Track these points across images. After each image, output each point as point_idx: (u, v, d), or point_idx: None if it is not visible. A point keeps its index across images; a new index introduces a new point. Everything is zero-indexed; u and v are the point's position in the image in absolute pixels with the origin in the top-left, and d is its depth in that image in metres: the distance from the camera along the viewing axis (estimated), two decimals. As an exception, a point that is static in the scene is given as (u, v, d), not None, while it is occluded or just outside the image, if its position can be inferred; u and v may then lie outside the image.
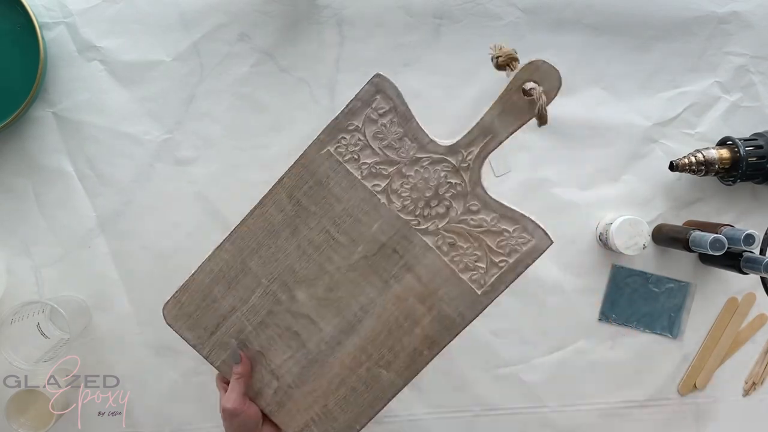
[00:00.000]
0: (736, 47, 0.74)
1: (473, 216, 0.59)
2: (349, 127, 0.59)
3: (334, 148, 0.59)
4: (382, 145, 0.59)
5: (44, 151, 0.68)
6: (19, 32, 0.64)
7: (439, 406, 0.74)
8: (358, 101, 0.58)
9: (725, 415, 0.77)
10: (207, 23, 0.68)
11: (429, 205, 0.59)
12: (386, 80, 0.58)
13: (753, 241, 0.66)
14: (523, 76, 0.56)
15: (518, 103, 0.56)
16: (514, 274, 0.59)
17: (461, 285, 0.59)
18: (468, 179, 0.58)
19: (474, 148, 0.58)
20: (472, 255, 0.59)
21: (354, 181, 0.59)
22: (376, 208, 0.59)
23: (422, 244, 0.59)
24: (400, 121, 0.58)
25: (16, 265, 0.69)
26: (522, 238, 0.58)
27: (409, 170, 0.59)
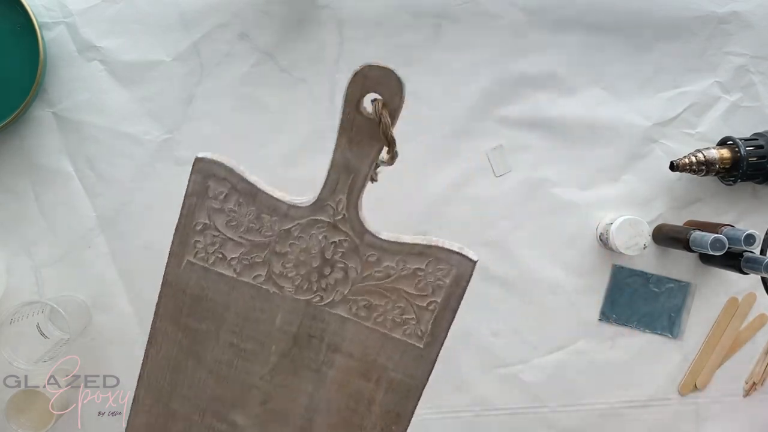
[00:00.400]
0: (736, 47, 0.73)
1: (376, 268, 0.52)
2: (198, 228, 0.53)
3: (192, 255, 0.53)
4: (241, 233, 0.52)
5: (44, 151, 0.68)
6: (19, 32, 0.64)
7: (439, 406, 0.74)
8: (192, 197, 0.52)
9: (725, 415, 0.77)
10: (207, 23, 0.68)
11: (322, 274, 0.52)
12: (210, 161, 0.52)
13: (753, 241, 0.66)
14: (354, 92, 0.47)
15: (363, 127, 0.49)
16: (451, 312, 0.52)
17: (399, 345, 0.53)
18: (351, 231, 0.51)
19: (341, 196, 0.51)
20: (395, 309, 0.52)
21: (231, 281, 0.53)
22: (270, 300, 0.53)
23: (336, 319, 0.53)
24: (247, 200, 0.52)
25: (16, 265, 0.69)
26: (440, 271, 0.51)
27: (282, 247, 0.52)
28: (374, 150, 0.49)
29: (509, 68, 0.71)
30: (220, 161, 0.52)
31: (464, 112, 0.71)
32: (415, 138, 0.71)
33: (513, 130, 0.72)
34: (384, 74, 0.47)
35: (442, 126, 0.71)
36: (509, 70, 0.71)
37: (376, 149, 0.49)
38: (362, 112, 0.48)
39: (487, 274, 0.73)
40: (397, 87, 0.47)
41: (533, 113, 0.72)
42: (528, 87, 0.72)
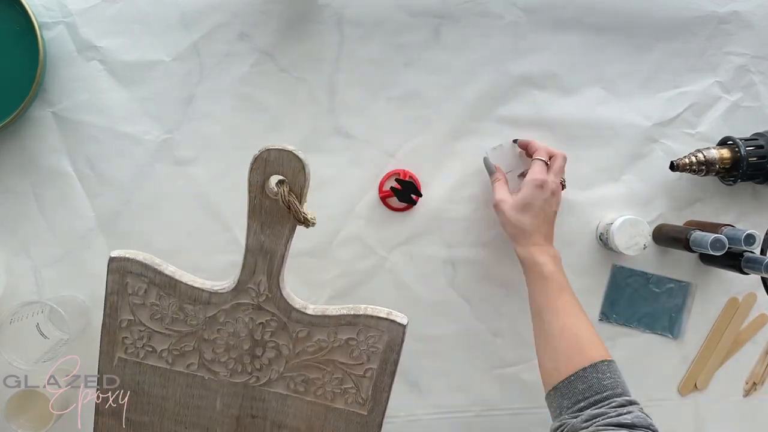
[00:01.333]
0: (737, 47, 0.73)
1: (308, 343, 0.53)
2: (123, 324, 0.53)
3: (123, 351, 0.54)
4: (166, 324, 0.53)
5: (44, 151, 0.68)
6: (19, 32, 0.64)
7: (439, 406, 0.74)
8: (113, 296, 0.53)
9: (725, 416, 0.77)
10: (207, 23, 0.68)
11: (255, 355, 0.53)
12: (123, 259, 0.52)
13: (753, 241, 0.66)
14: (257, 177, 0.49)
15: (272, 209, 0.50)
16: (389, 375, 0.53)
17: (342, 415, 0.54)
18: (276, 309, 0.52)
19: (261, 277, 0.51)
20: (333, 380, 0.53)
21: (166, 372, 0.54)
22: (206, 387, 0.54)
23: (276, 397, 0.54)
24: (168, 291, 0.52)
25: (15, 265, 0.69)
26: (372, 338, 0.52)
27: (211, 334, 0.53)
28: (287, 229, 0.50)
29: (509, 68, 0.71)
30: (134, 258, 0.52)
31: (464, 111, 0.71)
32: (415, 137, 0.71)
33: (513, 130, 0.72)
34: (283, 155, 0.48)
35: (442, 126, 0.71)
36: (509, 70, 0.71)
37: (288, 228, 0.50)
38: (269, 194, 0.49)
39: (487, 274, 0.73)
40: (298, 166, 0.48)
41: (533, 113, 0.72)
42: (528, 87, 0.72)
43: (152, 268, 0.52)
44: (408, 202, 0.70)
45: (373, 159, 0.71)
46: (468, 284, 0.73)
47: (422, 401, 0.74)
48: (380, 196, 0.71)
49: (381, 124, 0.71)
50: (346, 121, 0.70)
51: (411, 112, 0.71)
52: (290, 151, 0.48)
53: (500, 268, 0.73)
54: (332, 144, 0.71)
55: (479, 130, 0.72)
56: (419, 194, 0.70)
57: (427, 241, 0.72)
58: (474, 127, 0.72)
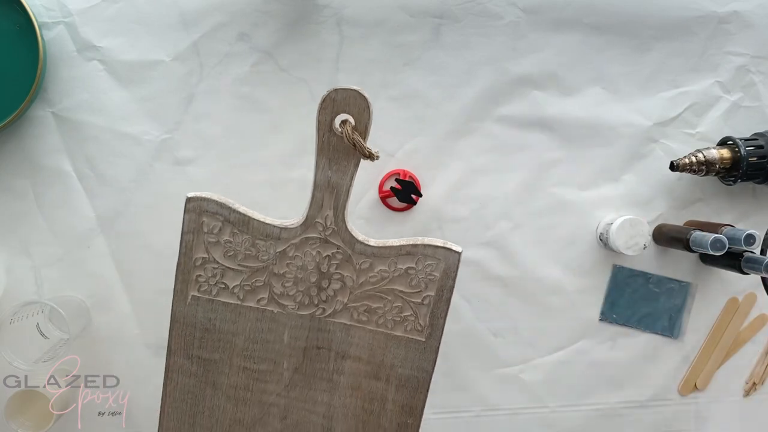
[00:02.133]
0: (737, 47, 0.73)
1: (371, 274, 0.55)
2: (197, 263, 0.55)
3: (196, 290, 0.55)
4: (239, 261, 0.55)
5: (44, 151, 0.68)
6: (19, 32, 0.64)
7: (439, 406, 0.74)
8: (189, 234, 0.54)
9: (725, 416, 0.77)
10: (207, 23, 0.68)
11: (321, 288, 0.55)
12: (201, 199, 0.54)
13: (754, 241, 0.66)
14: (325, 116, 0.52)
15: (339, 146, 0.53)
16: (445, 302, 0.56)
17: (402, 342, 0.56)
18: (342, 243, 0.55)
19: (327, 212, 0.54)
20: (394, 309, 0.55)
21: (237, 308, 0.56)
22: (275, 320, 0.56)
23: (341, 327, 0.56)
24: (241, 228, 0.54)
25: (15, 265, 0.69)
26: (429, 266, 0.55)
27: (280, 268, 0.55)
28: (352, 165, 0.53)
29: (509, 68, 0.71)
30: (210, 197, 0.54)
31: (464, 111, 0.71)
32: (415, 137, 0.71)
33: (513, 130, 0.72)
34: (350, 95, 0.51)
35: (442, 125, 0.71)
36: (509, 70, 0.71)
37: (353, 163, 0.53)
38: (336, 132, 0.52)
39: (487, 274, 0.73)
40: (363, 104, 0.51)
41: (533, 113, 0.72)
42: (528, 87, 0.72)
43: (227, 206, 0.54)
44: (408, 202, 0.70)
45: (373, 159, 0.71)
46: (468, 284, 0.73)
47: (422, 401, 0.74)
48: (380, 196, 0.71)
49: (381, 124, 0.71)
50: (346, 121, 0.70)
51: (411, 112, 0.71)
52: (356, 90, 0.51)
53: (500, 268, 0.73)
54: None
55: (479, 130, 0.72)
56: (419, 194, 0.70)
57: (427, 241, 0.72)
58: (474, 127, 0.72)
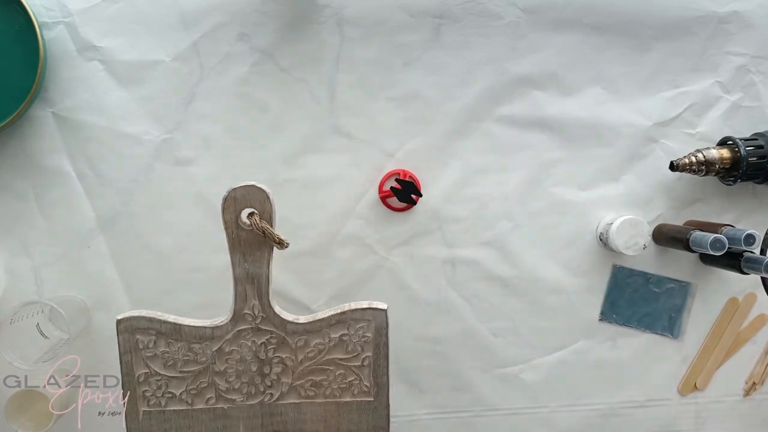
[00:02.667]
0: (737, 47, 0.73)
1: (308, 350, 0.57)
2: (141, 379, 0.57)
3: (146, 405, 0.57)
4: (180, 368, 0.57)
5: (44, 151, 0.68)
6: (19, 32, 0.64)
7: (439, 406, 0.74)
8: (127, 355, 0.56)
9: (725, 415, 0.77)
10: (207, 23, 0.68)
11: (264, 374, 0.57)
12: (130, 318, 0.56)
13: (753, 241, 0.66)
14: (230, 215, 0.54)
15: (249, 239, 0.55)
16: (384, 358, 0.58)
17: (353, 407, 0.58)
18: (274, 327, 0.57)
19: (253, 301, 0.56)
20: (338, 377, 0.58)
21: (189, 413, 0.58)
22: (228, 416, 0.58)
23: (292, 407, 0.58)
24: (175, 337, 0.56)
25: (15, 265, 0.69)
26: (361, 329, 0.57)
27: (221, 365, 0.57)
28: (266, 253, 0.55)
29: (509, 68, 0.71)
30: (139, 315, 0.56)
31: (464, 111, 0.71)
32: (415, 137, 0.71)
33: (513, 130, 0.72)
34: (248, 190, 0.54)
35: (442, 125, 0.71)
36: (509, 70, 0.71)
37: (266, 252, 0.55)
38: (243, 227, 0.54)
39: (487, 274, 0.73)
40: (263, 196, 0.54)
41: (533, 113, 0.72)
42: (528, 87, 0.72)
43: (156, 320, 0.56)
44: (408, 202, 0.70)
45: (372, 159, 0.71)
46: (468, 284, 0.73)
47: (422, 401, 0.74)
48: (380, 196, 0.71)
49: (381, 124, 0.71)
50: (346, 121, 0.70)
51: (411, 112, 0.71)
52: (253, 185, 0.54)
53: (500, 268, 0.73)
54: (332, 144, 0.71)
55: (479, 130, 0.72)
56: (419, 194, 0.70)
57: (427, 241, 0.72)
58: (474, 127, 0.72)
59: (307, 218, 0.71)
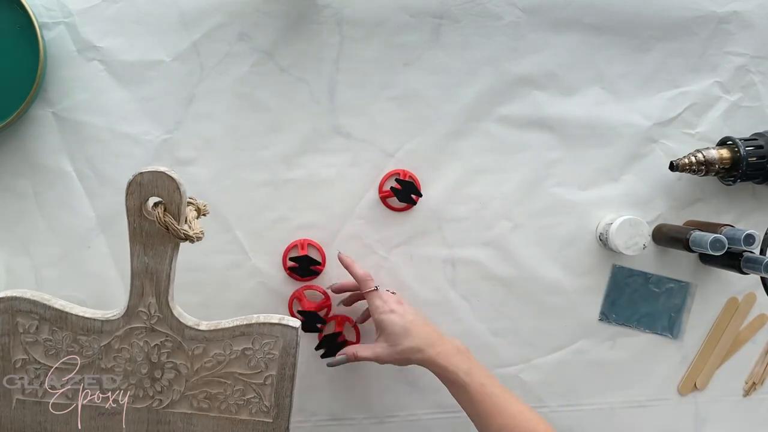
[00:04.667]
0: (737, 47, 0.73)
1: (206, 359, 0.53)
2: (18, 365, 0.53)
3: (21, 393, 0.53)
4: (62, 359, 0.53)
5: (44, 151, 0.68)
6: (19, 32, 0.64)
7: (439, 406, 0.74)
8: (4, 337, 0.52)
9: (725, 415, 0.77)
10: (207, 23, 0.68)
11: (154, 378, 0.53)
12: (11, 298, 0.52)
13: (753, 241, 0.66)
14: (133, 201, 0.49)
15: (152, 231, 0.50)
16: (289, 380, 0.54)
17: (249, 426, 0.54)
18: (170, 330, 0.53)
19: (150, 299, 0.52)
20: (235, 392, 0.54)
21: (68, 407, 0.54)
22: (110, 417, 0.54)
23: (181, 417, 0.54)
24: (60, 325, 0.52)
25: (15, 265, 0.69)
26: (267, 344, 0.53)
27: (107, 362, 0.53)
28: (169, 249, 0.51)
29: (509, 68, 0.71)
30: (22, 296, 0.52)
31: (464, 111, 0.71)
32: (415, 137, 0.71)
33: (513, 130, 0.72)
34: (156, 177, 0.49)
35: (442, 125, 0.71)
36: (509, 70, 0.71)
37: (170, 247, 0.51)
38: (147, 217, 0.50)
39: (487, 274, 0.73)
40: (172, 185, 0.49)
41: (533, 113, 0.72)
42: (528, 87, 0.72)
43: (41, 304, 0.52)
44: (408, 202, 0.70)
45: (372, 159, 0.71)
46: (468, 284, 0.73)
47: (422, 401, 0.74)
48: (380, 196, 0.71)
49: (381, 124, 0.71)
50: (346, 121, 0.70)
51: (411, 112, 0.71)
52: (163, 172, 0.49)
53: (500, 268, 0.73)
54: (332, 144, 0.71)
55: (479, 130, 0.72)
56: (419, 194, 0.70)
57: (427, 241, 0.72)
58: (474, 127, 0.72)
59: (307, 218, 0.71)
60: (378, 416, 0.73)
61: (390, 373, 0.72)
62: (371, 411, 0.73)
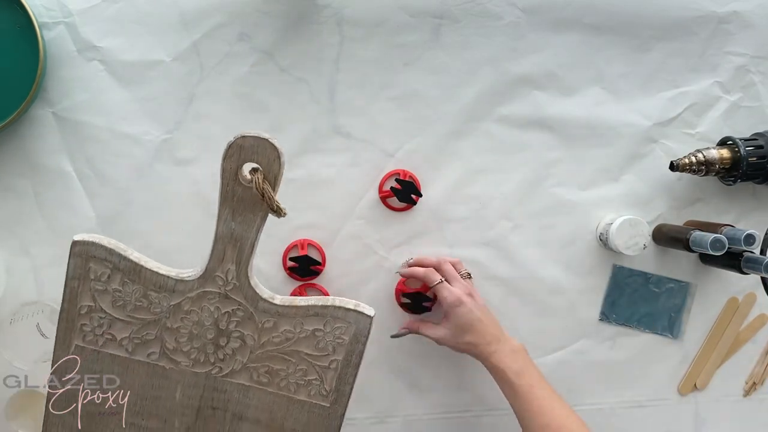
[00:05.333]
0: (737, 47, 0.73)
1: (274, 334, 0.52)
2: (83, 311, 0.52)
3: (81, 339, 0.52)
4: (128, 312, 0.52)
5: (44, 151, 0.68)
6: (19, 32, 0.64)
7: (439, 406, 0.74)
8: (74, 281, 0.51)
9: (725, 415, 0.77)
10: (207, 23, 0.68)
11: (219, 345, 0.52)
12: (88, 243, 0.51)
13: (753, 241, 0.66)
14: (230, 164, 0.48)
15: (244, 197, 0.49)
16: (353, 367, 0.53)
17: (305, 407, 0.53)
18: (244, 299, 0.51)
19: (229, 266, 0.51)
20: (297, 372, 0.52)
21: (125, 361, 0.53)
22: (167, 377, 0.53)
23: (238, 388, 0.53)
24: (132, 277, 0.51)
25: (15, 265, 0.69)
26: (339, 329, 0.52)
27: (174, 322, 0.52)
28: (258, 218, 0.50)
29: (509, 68, 0.71)
30: (98, 242, 0.51)
31: (464, 111, 0.71)
32: (415, 138, 0.71)
33: (513, 130, 0.72)
34: (259, 143, 0.47)
35: (442, 125, 0.71)
36: (509, 70, 0.71)
37: (260, 217, 0.50)
38: (242, 182, 0.48)
39: (487, 274, 0.73)
40: (273, 154, 0.47)
41: (533, 113, 0.72)
42: (528, 87, 0.72)
43: (117, 253, 0.51)
44: (408, 202, 0.70)
45: (372, 159, 0.71)
46: (468, 284, 0.73)
47: (422, 401, 0.74)
48: (380, 196, 0.71)
49: (381, 124, 0.71)
50: (346, 121, 0.70)
51: (411, 112, 0.71)
52: (266, 139, 0.47)
53: (500, 268, 0.73)
54: (332, 144, 0.71)
55: (479, 130, 0.72)
56: (419, 194, 0.70)
57: (427, 241, 0.72)
58: (474, 127, 0.72)
59: (307, 218, 0.71)
60: (378, 416, 0.73)
61: (390, 373, 0.72)
62: (371, 411, 0.73)
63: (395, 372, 0.72)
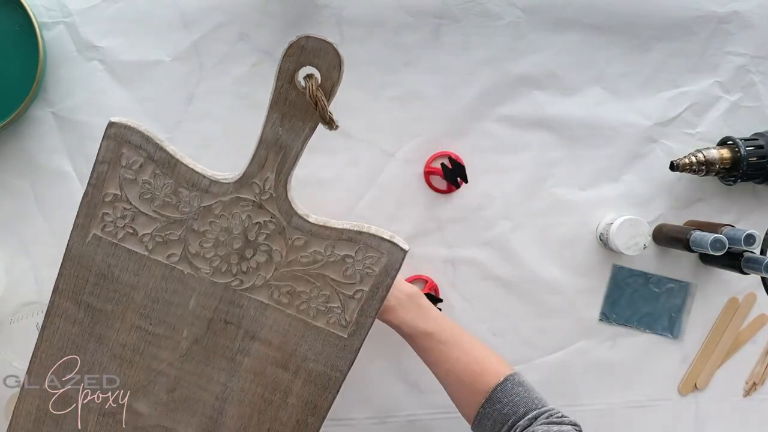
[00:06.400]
0: (737, 47, 0.73)
1: (302, 253, 0.49)
2: (107, 199, 0.48)
3: (100, 229, 0.49)
4: (155, 207, 0.48)
5: (44, 151, 0.68)
6: (19, 32, 0.64)
7: (439, 406, 0.74)
8: (103, 165, 0.48)
9: (725, 415, 0.77)
10: (207, 23, 0.68)
11: (244, 257, 0.49)
12: (125, 126, 0.47)
13: (753, 241, 0.66)
14: (288, 64, 0.45)
15: (297, 103, 0.46)
16: (378, 300, 0.50)
17: (321, 334, 0.50)
18: (278, 212, 0.48)
19: (268, 174, 0.48)
20: (320, 297, 0.50)
21: (142, 259, 0.49)
22: (184, 282, 0.49)
23: (256, 305, 0.50)
24: (165, 170, 0.48)
25: (15, 265, 0.69)
26: (370, 258, 0.49)
27: (201, 225, 0.48)
28: (308, 127, 0.47)
29: (509, 68, 0.71)
30: (136, 127, 0.47)
31: (464, 111, 0.71)
32: (415, 138, 0.71)
33: (513, 130, 0.72)
34: (322, 47, 0.44)
35: (442, 125, 0.71)
36: (509, 70, 0.71)
37: (309, 127, 0.47)
38: (297, 86, 0.45)
39: (487, 274, 0.73)
40: (335, 61, 0.45)
41: (533, 113, 0.72)
42: (528, 87, 0.72)
43: (153, 142, 0.48)
44: (453, 183, 0.70)
45: (372, 159, 0.71)
46: (468, 284, 0.73)
47: (422, 401, 0.74)
48: (425, 170, 0.70)
49: (381, 124, 0.71)
50: (346, 121, 0.70)
51: (411, 112, 0.71)
52: (330, 43, 0.45)
53: (500, 268, 0.73)
54: (332, 144, 0.70)
55: (479, 130, 0.72)
56: (466, 179, 0.69)
57: (427, 241, 0.72)
58: (474, 127, 0.72)
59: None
60: (378, 416, 0.73)
61: (390, 373, 0.72)
62: (371, 411, 0.73)
63: (395, 372, 0.72)
